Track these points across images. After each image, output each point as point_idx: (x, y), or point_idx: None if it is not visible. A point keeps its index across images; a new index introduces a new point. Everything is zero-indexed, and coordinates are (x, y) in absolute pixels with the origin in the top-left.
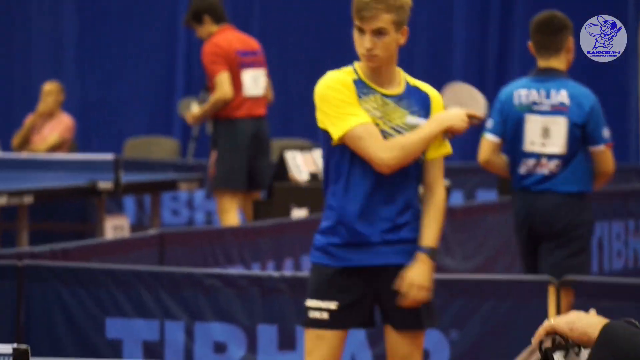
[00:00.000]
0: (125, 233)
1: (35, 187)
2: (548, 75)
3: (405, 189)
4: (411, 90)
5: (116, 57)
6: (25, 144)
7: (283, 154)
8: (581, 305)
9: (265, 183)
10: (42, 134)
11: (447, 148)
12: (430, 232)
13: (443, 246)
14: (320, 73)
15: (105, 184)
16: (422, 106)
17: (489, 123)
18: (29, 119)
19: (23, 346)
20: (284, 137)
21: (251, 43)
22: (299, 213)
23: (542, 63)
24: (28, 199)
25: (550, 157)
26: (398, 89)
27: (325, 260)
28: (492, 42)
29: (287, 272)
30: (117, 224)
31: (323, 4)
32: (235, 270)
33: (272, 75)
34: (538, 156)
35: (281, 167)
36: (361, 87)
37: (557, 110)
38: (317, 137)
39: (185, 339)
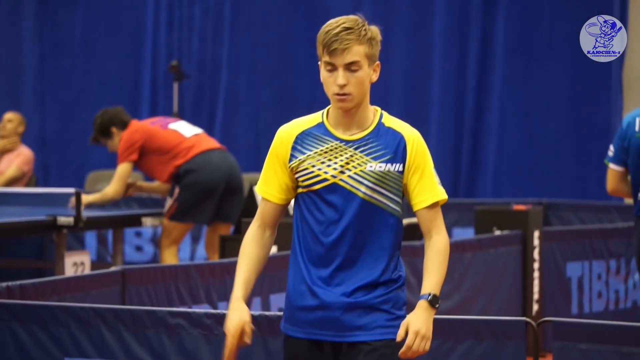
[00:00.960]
0: (86, 270)
1: None
2: None
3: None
4: (381, 132)
5: (77, 87)
6: None
7: (252, 189)
8: (561, 347)
9: (234, 217)
10: None
11: (438, 194)
12: (430, 278)
13: (417, 286)
14: (290, 107)
15: (65, 219)
16: (393, 149)
17: (610, 151)
18: None
19: None
20: (254, 172)
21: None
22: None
23: None
24: None
25: None
26: (363, 133)
27: None
28: (470, 74)
29: (255, 312)
30: (77, 260)
31: (292, 38)
32: (201, 309)
33: (242, 110)
34: None
35: (250, 203)
36: (318, 136)
37: None
38: None
39: None
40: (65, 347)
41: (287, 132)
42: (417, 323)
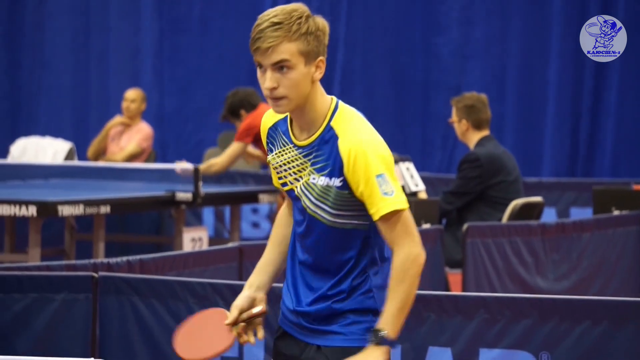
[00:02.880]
0: (204, 245)
1: (112, 197)
2: None
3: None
4: (325, 138)
5: (195, 65)
6: (100, 153)
7: None
8: None
9: None
10: (119, 143)
11: (386, 206)
12: (386, 309)
13: (534, 266)
14: (405, 86)
15: (184, 195)
16: (332, 162)
17: None
18: (107, 126)
19: None
20: None
21: None
22: None
23: None
24: (105, 209)
25: None
26: (311, 138)
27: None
28: None
29: None
30: (195, 235)
31: (409, 17)
32: None
33: (357, 88)
34: None
35: None
36: (281, 135)
37: None
38: (404, 150)
39: (265, 356)
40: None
41: (264, 122)
42: None
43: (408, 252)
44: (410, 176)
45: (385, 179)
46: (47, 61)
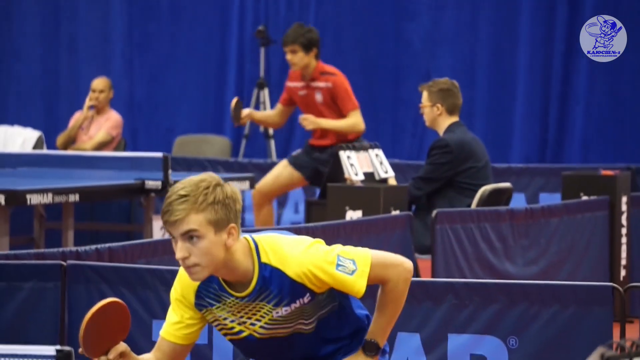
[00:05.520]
0: None
1: (81, 185)
2: None
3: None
4: (267, 277)
5: (165, 52)
6: (69, 143)
7: (337, 153)
8: None
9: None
10: (89, 132)
11: (360, 281)
12: (374, 321)
13: (503, 252)
14: (376, 73)
15: (153, 183)
16: (288, 291)
17: None
18: (77, 118)
19: (67, 348)
20: None
21: None
22: (353, 215)
23: None
24: (74, 198)
25: None
26: (250, 287)
27: None
28: (558, 38)
29: None
30: None
31: (379, 4)
32: None
33: None
34: None
35: (335, 167)
36: (218, 289)
37: None
38: (375, 137)
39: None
40: (153, 309)
41: (188, 282)
42: None
43: (397, 277)
44: (380, 163)
45: (342, 261)
46: (15, 49)
